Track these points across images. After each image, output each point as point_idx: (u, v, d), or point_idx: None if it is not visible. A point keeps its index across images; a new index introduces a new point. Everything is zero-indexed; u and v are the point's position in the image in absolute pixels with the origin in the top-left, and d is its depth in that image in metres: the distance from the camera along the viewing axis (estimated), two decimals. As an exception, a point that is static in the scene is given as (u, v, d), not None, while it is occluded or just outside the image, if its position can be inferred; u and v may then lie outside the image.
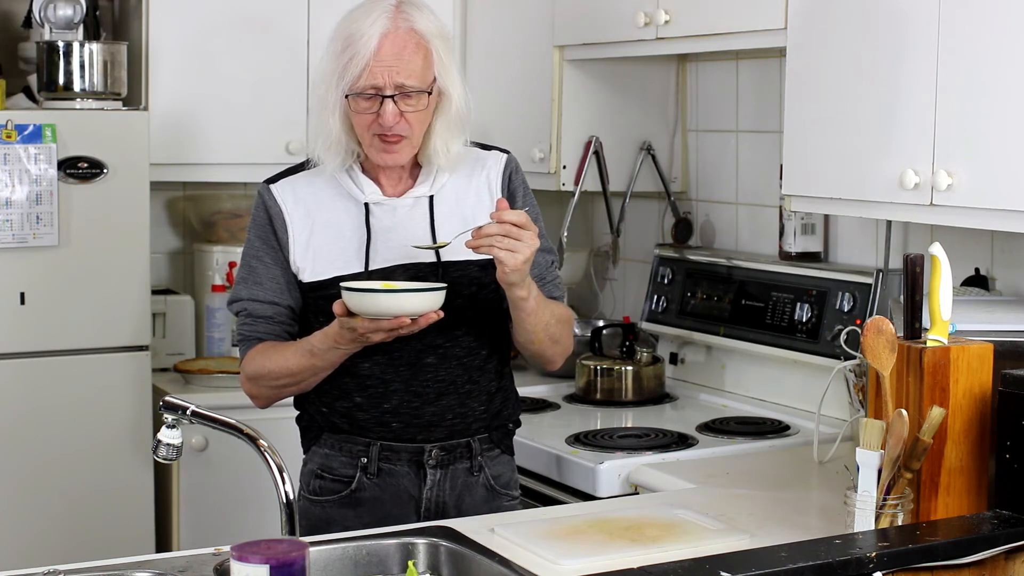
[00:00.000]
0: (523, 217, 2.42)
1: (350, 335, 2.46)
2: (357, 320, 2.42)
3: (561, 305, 2.70)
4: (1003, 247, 3.08)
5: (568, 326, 2.70)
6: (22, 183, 3.56)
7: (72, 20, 3.80)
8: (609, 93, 3.93)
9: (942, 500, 2.31)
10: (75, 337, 3.67)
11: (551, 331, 2.62)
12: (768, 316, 3.60)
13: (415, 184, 2.65)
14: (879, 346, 2.32)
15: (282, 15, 4.02)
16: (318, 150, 2.61)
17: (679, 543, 2.31)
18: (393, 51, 2.51)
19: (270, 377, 2.61)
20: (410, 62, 2.52)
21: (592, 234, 4.40)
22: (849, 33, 2.90)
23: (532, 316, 2.55)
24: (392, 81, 2.51)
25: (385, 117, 2.52)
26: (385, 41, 2.51)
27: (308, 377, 2.60)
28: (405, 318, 2.40)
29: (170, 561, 2.25)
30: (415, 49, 2.53)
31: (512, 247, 2.41)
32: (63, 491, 3.65)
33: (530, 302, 2.52)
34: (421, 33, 2.55)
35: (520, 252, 2.41)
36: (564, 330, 2.67)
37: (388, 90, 2.51)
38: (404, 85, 2.52)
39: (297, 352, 2.58)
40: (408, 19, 2.54)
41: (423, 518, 2.63)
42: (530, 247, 2.42)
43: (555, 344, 2.66)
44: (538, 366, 2.73)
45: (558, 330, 2.64)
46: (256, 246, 2.67)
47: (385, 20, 2.52)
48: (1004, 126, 2.55)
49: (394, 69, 2.51)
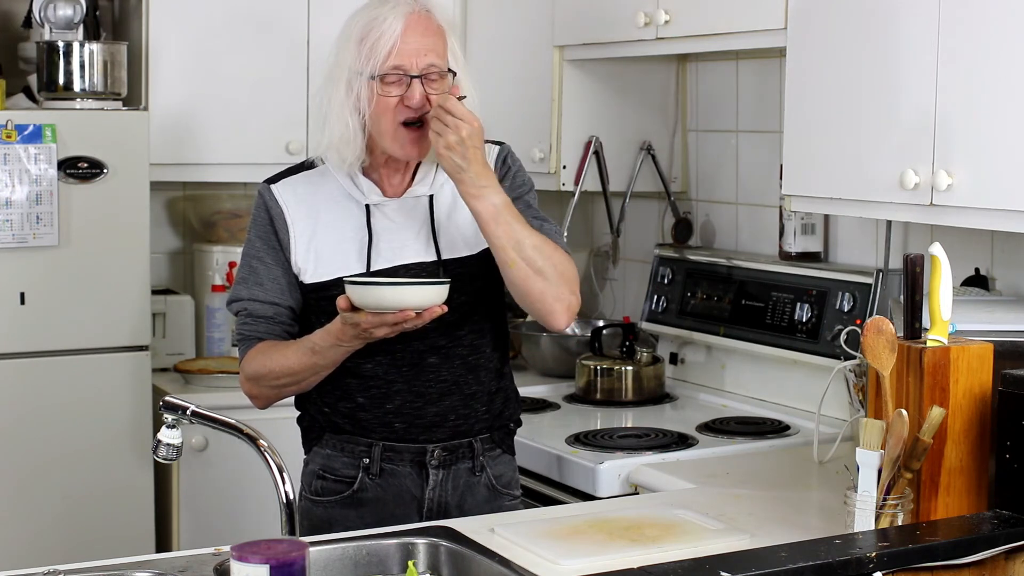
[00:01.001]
0: (456, 107, 2.46)
1: (353, 331, 2.45)
2: (361, 315, 2.41)
3: (547, 239, 2.56)
4: (1003, 247, 3.08)
5: (556, 261, 2.54)
6: (22, 183, 3.56)
7: (72, 20, 3.80)
8: (609, 93, 3.93)
9: (942, 500, 2.31)
10: (75, 337, 3.67)
11: (526, 254, 2.49)
12: (768, 316, 3.60)
13: (414, 184, 2.65)
14: (879, 346, 2.32)
15: (282, 15, 4.02)
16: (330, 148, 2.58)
17: (679, 543, 2.31)
18: (418, 31, 2.53)
19: (271, 376, 2.61)
20: (435, 44, 2.55)
21: (592, 234, 4.40)
22: (849, 33, 2.90)
23: (489, 225, 2.49)
24: (419, 62, 2.52)
25: (414, 97, 2.52)
26: (410, 22, 2.53)
27: (309, 376, 2.60)
28: (410, 311, 2.40)
29: (170, 561, 2.25)
30: (437, 31, 2.56)
31: (438, 129, 2.45)
32: (63, 491, 3.65)
33: (481, 204, 2.48)
34: (439, 22, 2.58)
35: (443, 136, 2.45)
36: (547, 262, 2.52)
37: (415, 70, 2.52)
38: (432, 65, 2.53)
39: (298, 351, 2.57)
40: (425, 4, 2.57)
41: (425, 518, 2.63)
42: (454, 134, 2.44)
43: (539, 276, 2.51)
44: (538, 317, 2.58)
45: (536, 256, 2.50)
46: (257, 246, 2.66)
47: (406, 5, 2.55)
48: (1004, 126, 2.55)
49: (420, 51, 2.52)
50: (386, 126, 2.55)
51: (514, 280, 2.53)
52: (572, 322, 2.57)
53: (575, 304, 2.58)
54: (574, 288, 2.58)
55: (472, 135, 2.45)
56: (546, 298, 2.54)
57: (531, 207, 2.66)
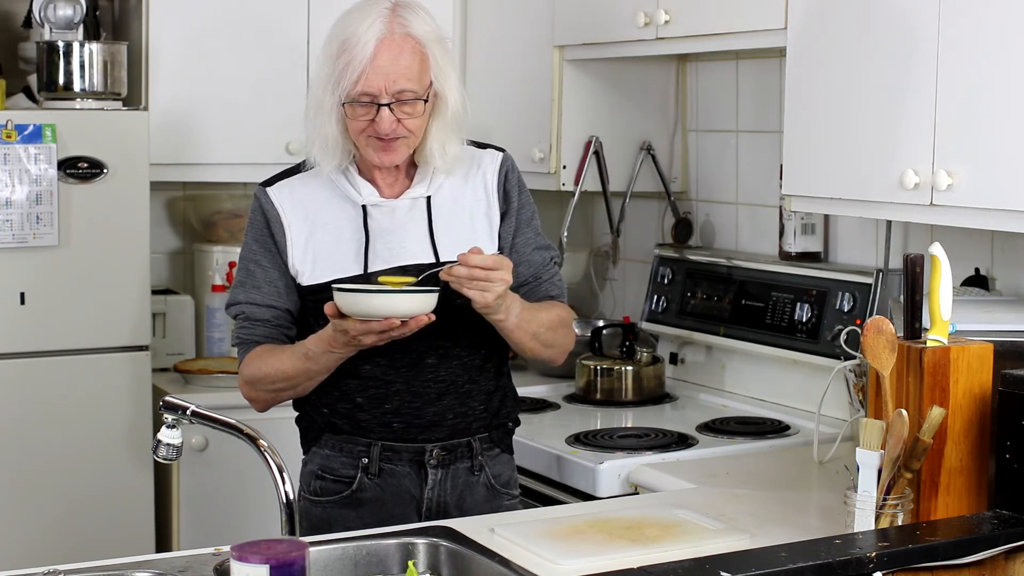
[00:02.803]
0: (489, 260, 2.42)
1: (343, 338, 2.45)
2: (349, 322, 2.41)
3: (557, 306, 2.69)
4: (1003, 247, 3.08)
5: (564, 328, 2.69)
6: (22, 183, 3.56)
7: (72, 20, 3.80)
8: (609, 93, 3.93)
9: (942, 500, 2.31)
10: (75, 337, 3.67)
11: (542, 339, 2.62)
12: (768, 316, 3.60)
13: (412, 185, 2.64)
14: (879, 346, 2.32)
15: (282, 15, 4.02)
16: (315, 152, 2.60)
17: (679, 543, 2.31)
18: (389, 58, 2.49)
19: (267, 381, 2.61)
20: (407, 69, 2.50)
21: (592, 234, 4.40)
22: (849, 33, 2.90)
23: (515, 333, 2.56)
24: (388, 89, 2.49)
25: (381, 125, 2.50)
26: (381, 47, 2.48)
27: (304, 381, 2.59)
28: (395, 319, 2.39)
29: (170, 561, 2.25)
30: (411, 54, 2.51)
31: (482, 288, 2.43)
32: (63, 491, 3.65)
33: (509, 322, 2.53)
34: (417, 38, 2.52)
35: (490, 292, 2.43)
36: (558, 335, 2.67)
37: (384, 98, 2.50)
38: (401, 92, 2.50)
39: (293, 356, 2.57)
40: (404, 23, 2.51)
41: (424, 518, 2.63)
42: (501, 285, 2.43)
43: (549, 348, 2.66)
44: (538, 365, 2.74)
45: (550, 336, 2.64)
46: (254, 249, 2.66)
47: (381, 25, 2.49)
48: (1004, 126, 2.55)
49: (391, 77, 2.49)
50: (358, 140, 2.56)
51: (525, 354, 2.67)
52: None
53: (571, 346, 2.75)
54: (572, 334, 2.76)
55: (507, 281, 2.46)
56: (554, 358, 2.72)
57: (538, 235, 2.70)
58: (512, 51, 4.01)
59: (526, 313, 2.57)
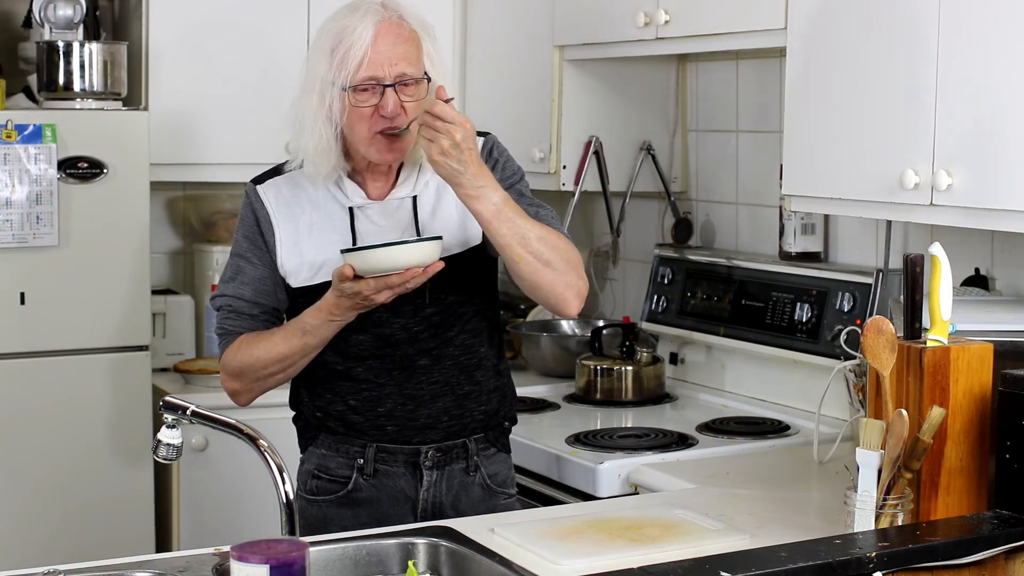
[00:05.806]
0: (446, 111, 2.41)
1: (350, 302, 2.45)
2: (362, 283, 2.41)
3: (549, 228, 2.56)
4: (1003, 247, 3.08)
5: (563, 247, 2.54)
6: (22, 183, 3.56)
7: (72, 20, 3.81)
8: (609, 93, 3.92)
9: (942, 500, 2.31)
10: (75, 337, 3.68)
11: (533, 249, 2.48)
12: (768, 316, 3.60)
13: (397, 186, 2.64)
14: (879, 346, 2.32)
15: (282, 15, 4.02)
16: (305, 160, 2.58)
17: (679, 543, 2.31)
18: (389, 41, 2.51)
19: (257, 367, 2.59)
20: (406, 52, 2.52)
21: (592, 234, 4.40)
22: (849, 33, 2.90)
23: (499, 230, 2.47)
24: (392, 71, 2.51)
25: (387, 106, 2.50)
26: (380, 32, 2.50)
27: (299, 359, 2.58)
28: (417, 269, 2.40)
29: (170, 561, 2.25)
30: (408, 40, 2.54)
31: (430, 136, 2.42)
32: (63, 491, 3.65)
33: (487, 210, 2.46)
34: (411, 25, 2.56)
35: (436, 142, 2.41)
36: (556, 253, 2.51)
37: (388, 79, 2.51)
38: (404, 74, 2.51)
39: (287, 335, 2.57)
40: (397, 10, 2.55)
41: (420, 518, 2.63)
42: (447, 139, 2.40)
43: (547, 267, 2.50)
44: (549, 307, 2.57)
45: (544, 250, 2.49)
46: (244, 246, 2.66)
47: (375, 14, 2.52)
48: (1004, 126, 2.55)
49: (392, 60, 2.51)
50: (362, 135, 2.54)
51: (523, 275, 2.52)
52: (582, 306, 2.59)
53: (584, 288, 2.58)
54: (580, 272, 2.58)
55: (466, 138, 2.42)
56: (556, 287, 2.54)
57: (524, 195, 2.64)
58: (512, 51, 4.01)
59: (510, 210, 2.47)
